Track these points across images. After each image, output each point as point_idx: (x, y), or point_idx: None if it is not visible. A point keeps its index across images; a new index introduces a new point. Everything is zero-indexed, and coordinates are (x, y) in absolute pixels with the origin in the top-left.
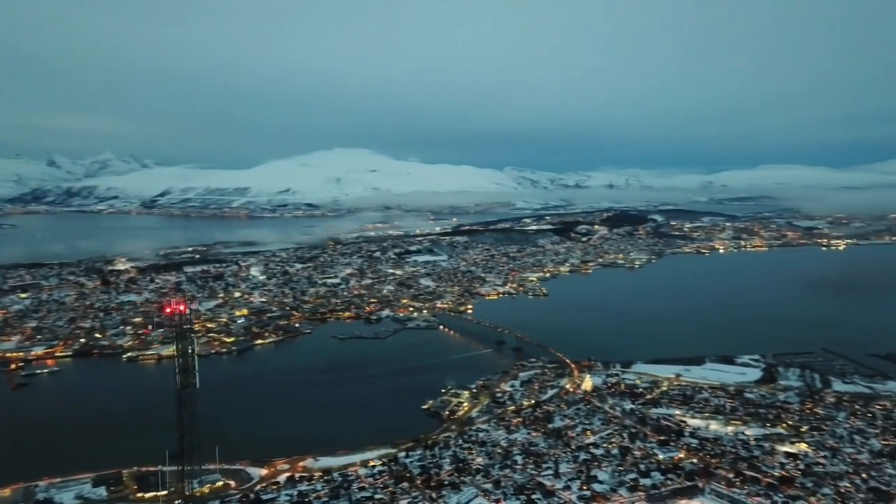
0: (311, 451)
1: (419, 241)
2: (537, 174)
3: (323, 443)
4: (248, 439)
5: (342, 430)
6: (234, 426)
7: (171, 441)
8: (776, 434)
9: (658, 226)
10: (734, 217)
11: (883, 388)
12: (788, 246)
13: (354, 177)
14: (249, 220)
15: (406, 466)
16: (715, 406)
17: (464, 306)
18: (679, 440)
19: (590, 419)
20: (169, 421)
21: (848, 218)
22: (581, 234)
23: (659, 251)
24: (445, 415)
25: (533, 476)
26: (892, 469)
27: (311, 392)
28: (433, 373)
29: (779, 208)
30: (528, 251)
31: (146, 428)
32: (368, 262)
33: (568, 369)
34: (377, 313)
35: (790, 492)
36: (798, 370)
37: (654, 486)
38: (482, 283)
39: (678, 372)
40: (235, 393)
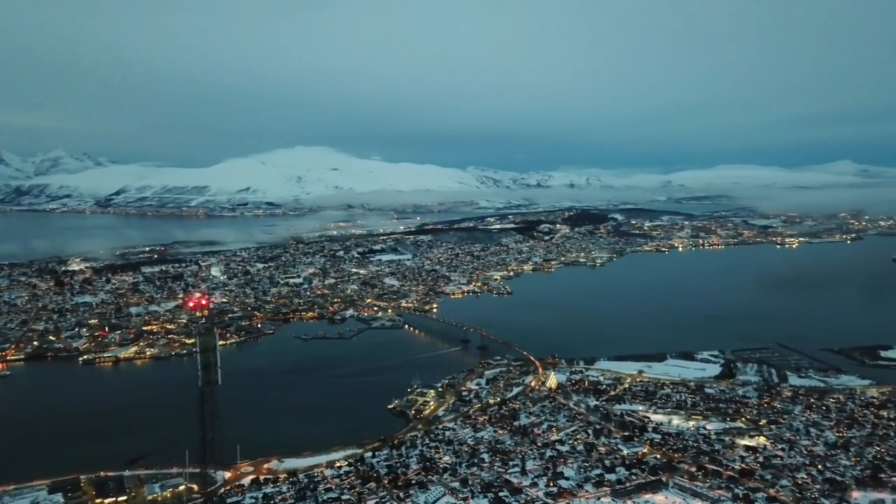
0: (275, 452)
1: (383, 240)
2: (500, 173)
3: (288, 444)
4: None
5: (307, 431)
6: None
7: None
8: (736, 428)
9: (618, 225)
10: (692, 216)
11: (836, 381)
12: (744, 244)
13: (316, 175)
14: (208, 219)
15: (373, 466)
16: (677, 401)
17: (429, 305)
18: (642, 435)
19: (555, 416)
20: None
21: (801, 217)
22: (544, 233)
23: (620, 250)
24: (412, 414)
25: (500, 474)
26: (846, 460)
27: (274, 393)
28: (399, 372)
29: (735, 207)
30: (492, 250)
31: (105, 432)
32: (331, 262)
33: (533, 367)
34: (341, 313)
35: (750, 484)
36: (755, 365)
37: (619, 481)
38: (447, 281)
39: (640, 368)
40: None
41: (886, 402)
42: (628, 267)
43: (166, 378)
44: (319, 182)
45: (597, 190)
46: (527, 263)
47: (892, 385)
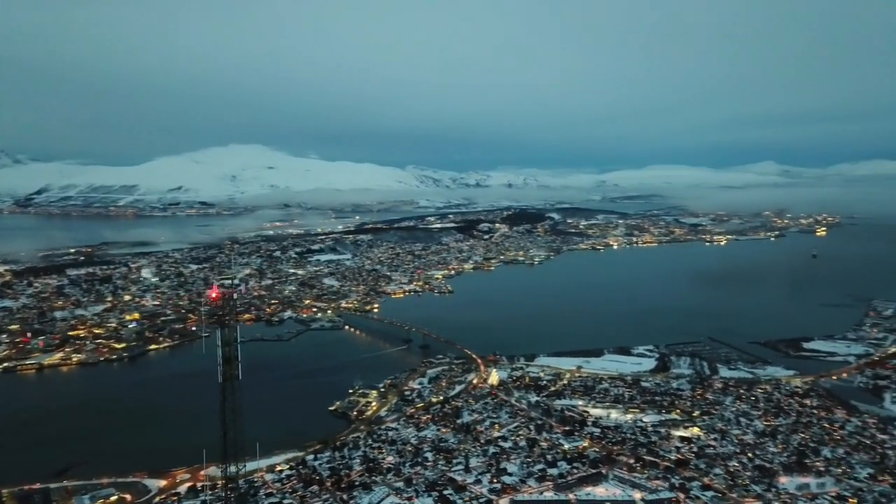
0: (213, 458)
1: (321, 240)
2: (439, 173)
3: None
4: (143, 449)
5: (246, 435)
6: (128, 436)
7: (56, 456)
8: (671, 420)
9: (556, 224)
10: (626, 215)
11: (763, 372)
12: (676, 242)
13: (251, 174)
14: (138, 219)
15: (315, 469)
16: (614, 395)
17: (369, 305)
18: (583, 430)
19: (497, 413)
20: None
21: (728, 215)
22: (483, 233)
23: (557, 248)
24: (353, 415)
25: (444, 472)
26: (773, 447)
27: (211, 398)
28: (340, 373)
29: (667, 206)
30: (433, 249)
31: (30, 443)
32: (268, 262)
33: (474, 365)
34: (279, 314)
35: (686, 474)
36: (688, 359)
37: (560, 475)
38: (388, 281)
39: (579, 364)
40: (128, 401)
41: (809, 391)
42: (566, 265)
43: (95, 385)
44: (255, 181)
45: (534, 190)
46: (467, 262)
47: (814, 375)
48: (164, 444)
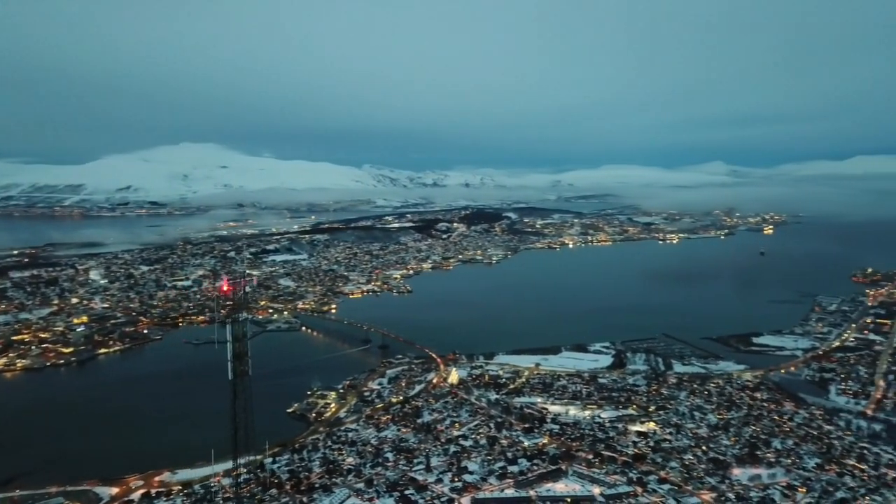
0: (167, 464)
1: (277, 240)
2: (396, 172)
3: (180, 454)
4: (94, 456)
5: (201, 439)
6: (78, 443)
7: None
8: (628, 415)
9: (512, 223)
10: (581, 214)
11: (716, 367)
12: (630, 240)
13: (203, 173)
14: (85, 219)
15: (274, 472)
16: (572, 392)
17: (327, 306)
18: (542, 427)
19: (457, 412)
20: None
21: (680, 214)
22: (441, 232)
23: (514, 247)
24: (312, 417)
25: (405, 472)
26: (726, 440)
27: (165, 402)
28: (297, 375)
29: (621, 205)
30: (391, 249)
31: None
32: (222, 263)
33: (434, 364)
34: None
35: (643, 468)
36: (644, 355)
37: (521, 472)
38: (345, 281)
39: (537, 361)
40: (78, 407)
41: (759, 385)
42: (523, 264)
43: (42, 391)
44: (207, 180)
45: (491, 189)
46: (426, 262)
47: (764, 369)
48: (116, 451)
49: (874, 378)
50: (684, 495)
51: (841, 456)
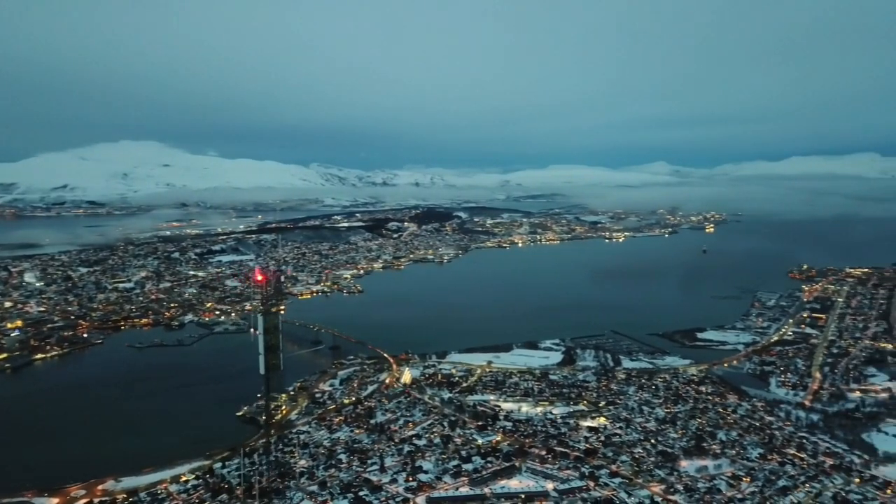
0: (111, 472)
1: (223, 240)
2: (345, 171)
3: (125, 462)
4: (33, 466)
5: (147, 446)
6: (14, 452)
7: None
8: (579, 411)
9: (463, 222)
10: (530, 213)
11: (662, 362)
12: (577, 239)
13: (144, 171)
14: (18, 219)
15: (223, 477)
16: (524, 389)
17: (276, 307)
18: (495, 424)
19: (411, 411)
20: None
21: (625, 213)
22: (392, 231)
23: (465, 246)
24: (262, 420)
25: (359, 473)
26: (674, 433)
27: (107, 408)
28: (247, 378)
29: (568, 205)
30: (341, 248)
31: None
32: (166, 264)
33: (387, 364)
34: (179, 318)
35: (595, 462)
36: (593, 351)
37: (475, 470)
38: (294, 282)
39: (490, 359)
40: (13, 415)
41: (704, 379)
42: (474, 262)
43: None
44: (149, 179)
45: (441, 189)
46: (377, 261)
47: (708, 363)
48: (56, 460)
49: (811, 370)
50: (635, 488)
51: (782, 446)
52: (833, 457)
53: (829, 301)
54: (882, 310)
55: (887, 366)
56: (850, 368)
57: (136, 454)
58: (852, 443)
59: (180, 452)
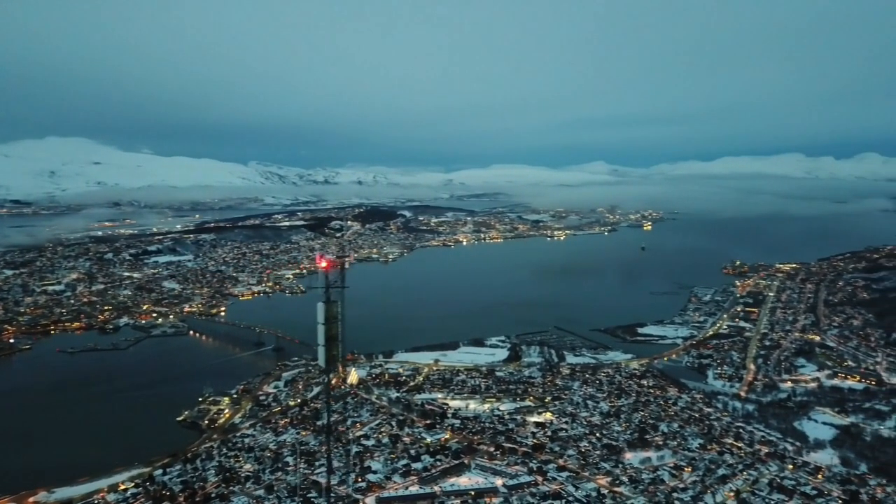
0: (43, 483)
1: (159, 240)
2: (284, 169)
3: (58, 472)
4: None
5: (82, 454)
6: None
7: None
8: (526, 407)
9: (407, 221)
10: (474, 212)
11: (605, 357)
12: (520, 237)
13: (73, 169)
14: None
15: (165, 485)
16: (472, 386)
17: (216, 308)
18: (443, 422)
19: (358, 411)
20: None
21: (566, 212)
22: (335, 230)
23: (410, 245)
24: (205, 424)
25: (307, 475)
26: (618, 426)
27: (37, 416)
28: (187, 381)
29: (510, 203)
30: (283, 248)
31: None
32: (99, 265)
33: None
34: (114, 321)
35: (542, 457)
36: (538, 347)
37: (425, 468)
38: (235, 282)
39: (437, 357)
40: None
41: (645, 373)
42: (419, 261)
43: None
44: (78, 177)
45: (384, 187)
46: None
47: (649, 357)
48: None
49: (746, 362)
50: (582, 481)
51: (720, 436)
52: (768, 445)
53: (761, 295)
54: (809, 303)
55: (815, 357)
56: (782, 360)
57: (70, 463)
58: (785, 431)
59: (118, 460)
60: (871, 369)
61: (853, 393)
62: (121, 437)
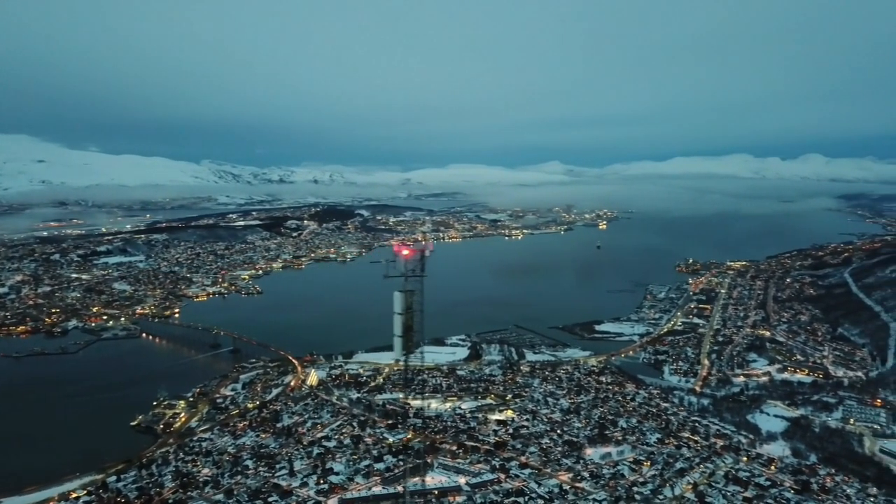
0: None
1: (109, 241)
2: (238, 168)
3: (3, 481)
4: None
5: (31, 463)
6: None
7: None
8: (487, 405)
9: (365, 220)
10: (432, 211)
11: (564, 355)
12: (479, 236)
13: (16, 168)
14: None
15: (119, 491)
16: (433, 386)
17: (169, 310)
18: (405, 422)
19: (318, 413)
20: None
21: (524, 211)
22: (291, 230)
23: (368, 244)
24: (160, 429)
25: (267, 479)
26: (578, 422)
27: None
28: (140, 385)
29: (468, 203)
30: (238, 248)
31: None
32: (45, 267)
33: (291, 366)
34: (62, 325)
35: (505, 455)
36: (498, 346)
37: (387, 469)
38: (189, 283)
39: (397, 357)
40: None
41: (604, 369)
42: (377, 261)
43: None
44: (21, 176)
45: (341, 186)
46: (276, 261)
47: (606, 354)
48: None
49: (700, 358)
50: (544, 478)
51: (677, 430)
52: (723, 438)
53: (714, 293)
54: (759, 300)
55: (766, 352)
56: (734, 355)
57: (18, 472)
58: (739, 424)
59: (69, 467)
60: (819, 363)
61: (802, 386)
62: (71, 443)
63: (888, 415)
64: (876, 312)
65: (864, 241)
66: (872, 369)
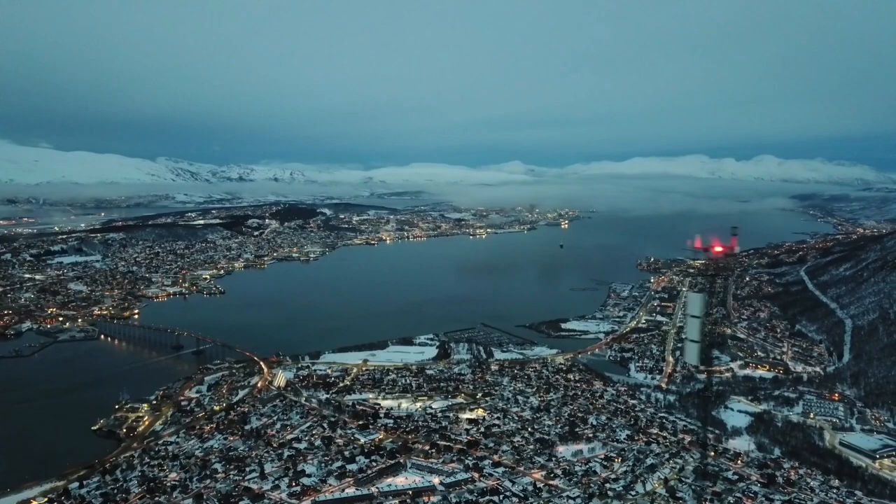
0: None
1: (63, 240)
2: (196, 166)
3: None
4: None
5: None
6: None
7: None
8: (458, 404)
9: (328, 219)
10: (396, 210)
11: (532, 353)
12: (443, 235)
13: None
14: None
15: (83, 498)
16: (403, 385)
17: (128, 311)
18: (376, 422)
19: (288, 414)
20: None
21: (487, 210)
22: (253, 229)
23: (332, 243)
24: (122, 433)
25: (237, 482)
26: (549, 420)
27: None
28: (101, 388)
29: (432, 202)
30: (198, 247)
31: None
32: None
33: (257, 367)
34: (15, 327)
35: (477, 453)
36: (466, 344)
37: (360, 469)
38: (148, 284)
39: (365, 357)
40: None
41: (571, 367)
42: (341, 260)
43: None
44: None
45: (302, 184)
46: (237, 260)
47: (573, 352)
48: None
49: (665, 355)
50: (518, 476)
51: (646, 426)
52: (691, 434)
53: (675, 290)
54: (720, 297)
55: (728, 348)
56: None
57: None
58: (705, 420)
59: (28, 474)
60: (779, 359)
61: (764, 382)
62: (29, 449)
63: (846, 409)
64: (832, 309)
65: (818, 240)
66: (830, 364)
